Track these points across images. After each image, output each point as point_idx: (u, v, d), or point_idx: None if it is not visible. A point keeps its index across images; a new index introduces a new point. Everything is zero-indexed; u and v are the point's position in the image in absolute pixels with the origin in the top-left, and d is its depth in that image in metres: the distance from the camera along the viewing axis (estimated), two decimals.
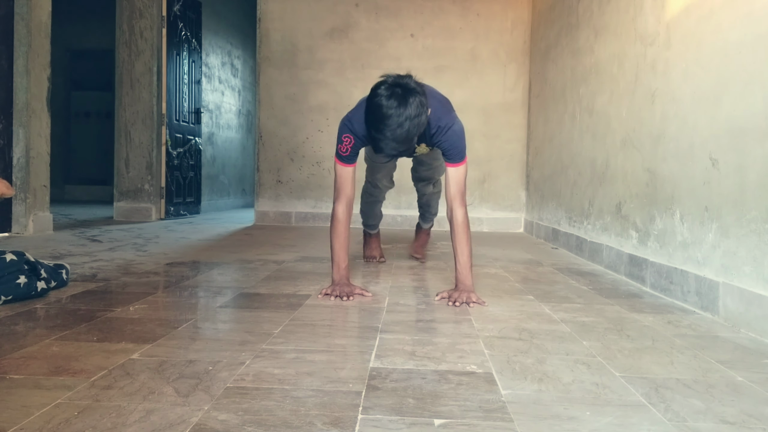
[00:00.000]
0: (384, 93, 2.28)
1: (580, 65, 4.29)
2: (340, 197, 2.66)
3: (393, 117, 2.25)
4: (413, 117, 2.27)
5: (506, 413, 1.31)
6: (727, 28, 2.35)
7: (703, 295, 2.43)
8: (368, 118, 2.34)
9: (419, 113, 2.29)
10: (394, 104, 2.25)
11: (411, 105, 2.26)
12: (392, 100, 2.26)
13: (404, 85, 2.31)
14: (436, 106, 2.58)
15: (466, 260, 2.59)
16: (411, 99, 2.27)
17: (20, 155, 4.57)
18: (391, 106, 2.25)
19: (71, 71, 10.33)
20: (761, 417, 1.33)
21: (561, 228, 4.71)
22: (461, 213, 2.62)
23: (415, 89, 2.31)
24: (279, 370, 1.55)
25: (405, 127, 2.26)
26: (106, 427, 1.18)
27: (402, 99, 2.26)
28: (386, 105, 2.26)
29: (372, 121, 2.32)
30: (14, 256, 2.32)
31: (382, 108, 2.27)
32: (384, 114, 2.26)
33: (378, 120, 2.28)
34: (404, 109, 2.25)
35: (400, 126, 2.26)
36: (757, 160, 2.10)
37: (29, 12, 4.57)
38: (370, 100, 2.33)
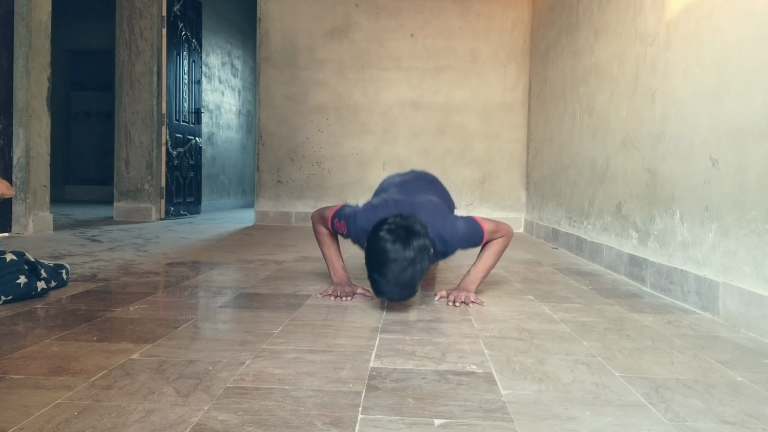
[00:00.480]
0: (388, 237, 2.17)
1: (580, 65, 4.29)
2: (321, 224, 2.65)
3: (397, 261, 2.14)
4: (417, 262, 2.16)
5: (506, 413, 1.31)
6: (727, 29, 2.34)
7: (703, 295, 2.42)
8: (370, 258, 2.23)
9: (422, 258, 2.18)
10: (399, 248, 2.15)
11: (414, 249, 2.16)
12: (397, 243, 2.16)
13: (408, 228, 2.20)
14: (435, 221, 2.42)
15: (482, 269, 2.57)
16: (414, 242, 2.17)
17: (20, 155, 4.57)
18: (396, 251, 2.15)
19: (71, 71, 10.32)
20: (761, 417, 1.33)
21: (561, 228, 4.70)
22: (501, 239, 2.56)
23: (419, 231, 2.21)
24: (279, 370, 1.55)
25: (408, 272, 2.15)
26: (106, 427, 1.18)
27: (406, 242, 2.16)
28: (391, 249, 2.15)
29: (374, 264, 2.20)
30: (14, 256, 2.32)
31: (386, 252, 2.16)
32: (387, 258, 2.15)
33: (381, 264, 2.17)
34: (408, 253, 2.15)
35: (403, 271, 2.15)
36: (757, 160, 2.10)
37: (29, 12, 4.57)
38: (373, 242, 2.21)
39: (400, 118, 6.32)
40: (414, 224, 2.22)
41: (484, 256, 2.58)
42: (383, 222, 2.24)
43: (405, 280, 2.17)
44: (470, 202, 6.24)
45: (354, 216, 2.51)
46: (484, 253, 2.58)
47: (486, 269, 2.58)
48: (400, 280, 2.16)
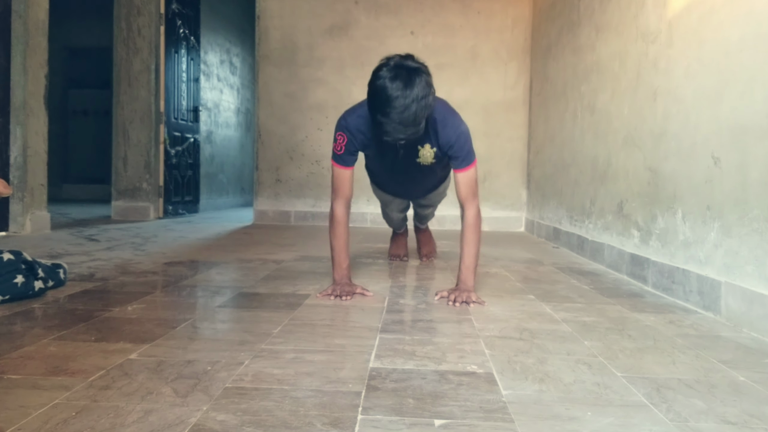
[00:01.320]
0: (387, 74, 2.18)
1: (581, 63, 4.28)
2: (338, 198, 2.62)
3: (399, 98, 2.14)
4: (420, 98, 2.16)
5: (507, 413, 1.30)
6: (728, 26, 2.34)
7: (705, 294, 2.42)
8: (372, 102, 2.23)
9: (426, 94, 2.19)
10: (399, 85, 2.14)
11: (417, 85, 2.16)
12: (397, 81, 2.15)
13: (408, 66, 2.21)
14: (441, 104, 2.50)
15: (470, 261, 2.56)
16: (417, 79, 2.17)
17: (17, 154, 4.56)
18: (397, 87, 2.14)
19: (69, 69, 10.31)
20: (763, 417, 1.33)
21: (562, 227, 4.70)
22: (472, 213, 2.57)
23: (420, 68, 2.22)
24: (278, 370, 1.54)
25: (412, 108, 2.15)
26: (104, 427, 1.17)
27: (407, 79, 2.15)
28: (390, 86, 2.15)
29: (376, 104, 2.20)
30: (11, 256, 2.31)
31: (386, 90, 2.15)
32: (389, 95, 2.15)
33: (383, 102, 2.17)
34: (410, 90, 2.14)
35: (406, 108, 2.14)
36: (759, 159, 2.09)
37: (27, 10, 4.55)
38: (373, 83, 2.21)
39: None
40: (414, 63, 2.24)
41: (467, 246, 2.57)
42: (384, 63, 2.25)
43: (409, 117, 2.17)
44: None
45: (341, 119, 2.57)
46: (465, 244, 2.57)
47: (474, 258, 2.57)
48: (403, 117, 2.16)
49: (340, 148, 2.55)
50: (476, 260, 2.59)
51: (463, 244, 2.58)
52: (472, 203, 2.58)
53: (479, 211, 2.61)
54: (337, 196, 2.62)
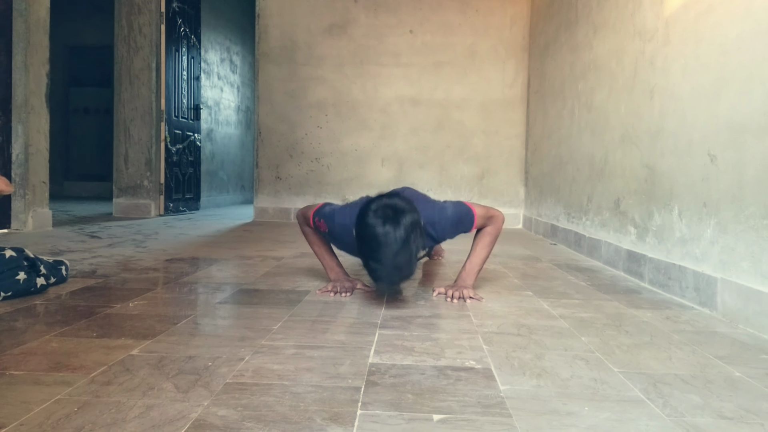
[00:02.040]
0: (377, 221, 2.11)
1: (579, 61, 4.29)
2: (306, 224, 2.64)
3: (390, 243, 2.08)
4: (411, 241, 2.11)
5: (505, 408, 1.31)
6: (725, 24, 2.35)
7: (701, 290, 2.43)
8: (363, 247, 2.17)
9: (415, 236, 2.14)
10: (390, 230, 2.08)
11: (406, 227, 2.10)
12: (387, 225, 2.09)
13: (393, 206, 2.15)
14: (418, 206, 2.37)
15: (477, 262, 2.57)
16: (403, 219, 2.11)
17: (19, 151, 4.57)
18: (388, 233, 2.08)
19: (70, 67, 10.31)
20: (759, 412, 1.34)
21: (560, 224, 4.71)
22: (492, 227, 2.56)
23: (405, 208, 2.15)
24: (278, 366, 1.56)
25: (404, 253, 2.10)
26: (105, 422, 1.19)
27: (395, 221, 2.09)
28: (382, 232, 2.09)
29: (368, 251, 2.14)
30: (13, 253, 2.32)
31: (378, 237, 2.09)
32: (381, 242, 2.09)
33: (375, 249, 2.11)
34: (400, 233, 2.08)
35: (397, 253, 2.09)
36: (755, 157, 2.11)
37: (28, 8, 4.56)
38: (363, 230, 2.15)
39: (399, 114, 6.32)
40: (398, 202, 2.17)
41: (477, 248, 2.57)
42: (368, 207, 2.18)
43: (402, 261, 2.12)
44: (469, 198, 6.24)
45: (332, 214, 2.50)
46: (476, 246, 2.58)
47: (480, 261, 2.58)
48: (397, 262, 2.11)
49: (321, 228, 2.54)
50: (482, 264, 2.60)
51: (476, 245, 2.58)
52: (493, 221, 2.58)
53: (500, 225, 2.59)
54: (305, 221, 2.64)
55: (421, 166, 6.30)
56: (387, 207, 2.14)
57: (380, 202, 2.17)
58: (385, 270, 2.13)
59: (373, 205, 2.17)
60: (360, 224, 2.17)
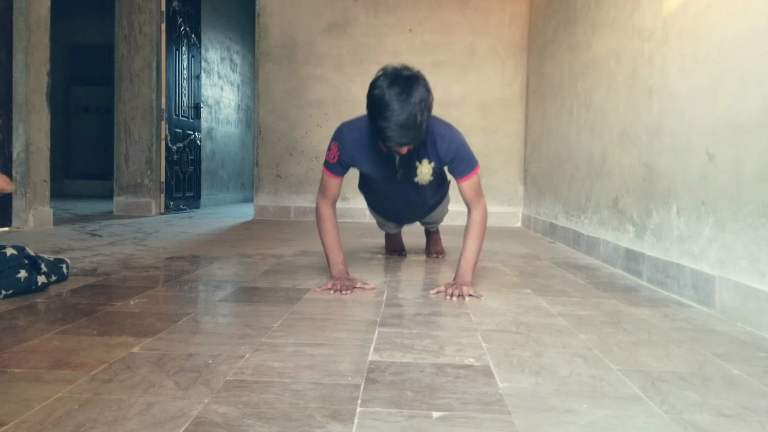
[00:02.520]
0: (385, 82, 2.20)
1: (577, 60, 4.30)
2: (325, 198, 2.67)
3: (396, 101, 2.16)
4: (420, 100, 2.18)
5: (504, 406, 1.32)
6: (724, 23, 2.35)
7: (699, 288, 2.44)
8: (371, 110, 2.25)
9: (425, 97, 2.21)
10: (397, 90, 2.17)
11: (416, 89, 2.19)
12: (395, 87, 2.18)
13: (404, 74, 2.24)
14: (434, 119, 2.51)
15: (471, 257, 2.58)
16: (415, 83, 2.20)
17: (20, 150, 4.57)
18: (394, 92, 2.17)
19: (70, 66, 10.32)
20: (757, 410, 1.34)
21: (558, 222, 4.72)
22: (478, 212, 2.60)
23: (416, 74, 2.25)
24: (278, 364, 1.56)
25: (412, 110, 2.16)
26: (106, 420, 1.19)
27: (405, 84, 2.18)
28: (389, 92, 2.17)
29: (376, 111, 2.22)
30: (14, 251, 2.33)
31: (385, 95, 2.18)
32: (387, 100, 2.17)
33: (382, 108, 2.18)
34: (408, 95, 2.17)
35: (404, 110, 2.16)
36: (753, 155, 2.11)
37: (28, 7, 4.56)
38: (371, 93, 2.24)
39: None
40: (410, 70, 2.26)
41: (468, 242, 2.59)
42: (379, 72, 2.27)
43: (410, 119, 2.17)
44: None
45: (338, 129, 2.59)
46: (467, 240, 2.60)
47: (474, 255, 2.59)
48: (403, 120, 2.17)
49: (333, 156, 2.58)
50: (477, 257, 2.61)
51: (467, 239, 2.60)
52: (479, 203, 2.62)
53: (486, 211, 2.64)
54: (323, 196, 2.67)
55: None
56: (397, 74, 2.24)
57: (392, 68, 2.27)
58: (392, 128, 2.19)
59: (385, 69, 2.27)
60: (370, 88, 2.25)
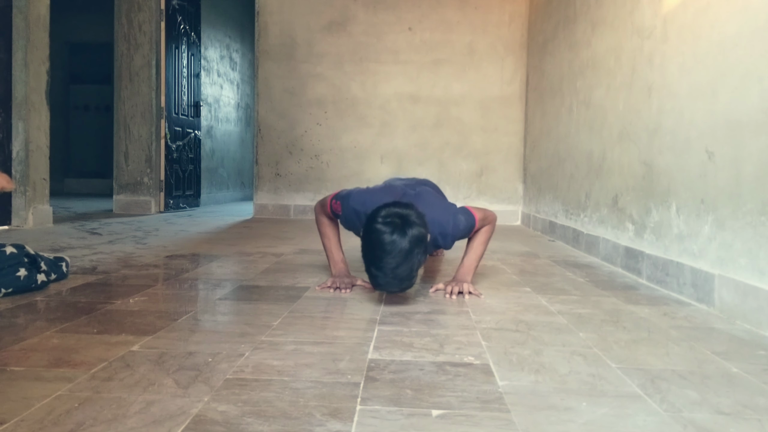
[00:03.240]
0: (385, 229, 2.13)
1: (577, 58, 4.29)
2: (323, 212, 2.68)
3: (393, 254, 2.11)
4: (414, 255, 2.14)
5: (503, 404, 1.32)
6: (723, 22, 2.35)
7: (698, 287, 2.44)
8: (366, 249, 2.20)
9: (420, 250, 2.16)
10: (396, 238, 2.11)
11: (411, 239, 2.13)
12: (395, 235, 2.12)
13: (404, 217, 2.17)
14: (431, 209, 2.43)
15: (473, 258, 2.59)
16: (410, 231, 2.13)
17: (20, 148, 4.57)
18: (393, 242, 2.11)
19: (70, 64, 10.31)
20: (756, 408, 1.35)
21: (558, 220, 4.72)
22: (487, 226, 2.61)
23: (415, 222, 2.17)
24: (278, 362, 1.56)
25: (405, 265, 2.13)
26: (106, 418, 1.19)
27: (402, 232, 2.12)
28: (388, 241, 2.11)
29: (371, 257, 2.18)
30: (14, 249, 2.33)
31: (383, 245, 2.12)
32: (384, 251, 2.12)
33: (378, 257, 2.14)
34: (405, 245, 2.11)
35: (399, 266, 2.12)
36: (753, 153, 2.11)
37: (27, 5, 4.56)
38: (369, 234, 2.18)
39: (398, 111, 6.32)
40: (410, 214, 2.19)
41: (474, 245, 2.60)
42: (379, 212, 2.20)
43: (403, 273, 2.15)
44: (468, 194, 6.25)
45: (349, 195, 2.55)
46: (473, 243, 2.61)
47: (477, 258, 2.60)
48: (397, 273, 2.14)
49: (336, 210, 2.58)
50: (478, 261, 2.62)
51: (471, 242, 2.61)
52: (488, 221, 2.62)
53: (494, 221, 2.65)
54: (323, 210, 2.69)
55: (420, 162, 6.30)
56: (397, 215, 2.17)
57: (392, 210, 2.19)
58: (385, 279, 2.17)
59: (384, 210, 2.19)
60: (367, 227, 2.19)
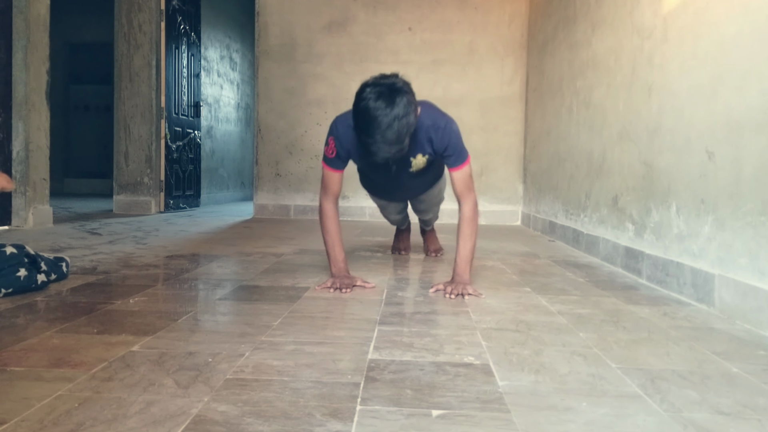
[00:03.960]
0: (371, 95, 2.22)
1: (577, 58, 4.29)
2: (326, 194, 2.68)
3: (381, 117, 2.18)
4: (402, 116, 2.20)
5: (503, 404, 1.32)
6: (723, 22, 2.35)
7: (698, 287, 2.44)
8: (357, 123, 2.28)
9: (407, 112, 2.23)
10: (381, 105, 2.19)
11: (399, 105, 2.20)
12: (380, 101, 2.20)
13: (390, 85, 2.25)
14: (428, 108, 2.58)
15: (466, 254, 2.58)
16: (398, 98, 2.21)
17: (20, 149, 4.57)
18: (379, 107, 2.19)
19: (70, 65, 10.31)
20: (756, 408, 1.34)
21: (558, 221, 4.72)
22: (469, 207, 2.61)
23: (402, 88, 2.26)
24: (278, 362, 1.56)
25: (394, 127, 2.20)
26: (106, 418, 1.19)
27: (389, 99, 2.20)
28: (373, 107, 2.19)
29: (361, 125, 2.25)
30: (14, 249, 2.33)
31: (369, 110, 2.20)
32: (372, 116, 2.19)
33: (367, 123, 2.22)
34: (392, 109, 2.19)
35: (389, 127, 2.19)
36: (753, 153, 2.11)
37: (28, 5, 4.56)
38: (357, 104, 2.26)
39: None
40: (396, 81, 2.28)
41: (463, 239, 2.60)
42: (366, 83, 2.29)
43: (392, 136, 2.21)
44: None
45: (332, 123, 2.61)
46: (461, 237, 2.60)
47: (470, 252, 2.59)
48: (386, 137, 2.21)
49: (331, 151, 2.60)
50: (472, 254, 2.61)
51: (460, 237, 2.60)
52: (469, 197, 2.62)
53: (476, 205, 2.65)
54: (325, 193, 2.68)
55: None
56: (383, 84, 2.26)
57: (378, 79, 2.29)
58: (376, 145, 2.24)
59: (371, 80, 2.30)
60: (356, 98, 2.28)
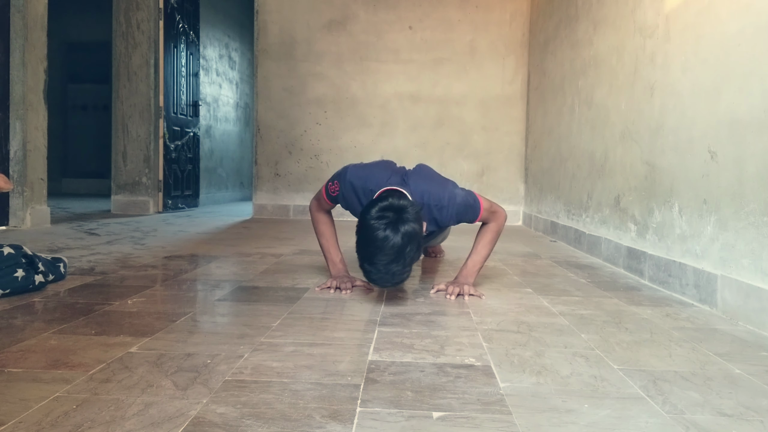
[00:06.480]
0: (380, 224, 2.12)
1: (579, 58, 4.28)
2: (319, 206, 2.69)
3: (386, 251, 2.11)
4: (407, 251, 2.13)
5: (504, 406, 1.31)
6: (726, 21, 2.34)
7: (701, 287, 2.43)
8: (360, 243, 2.19)
9: (413, 246, 2.15)
10: (389, 235, 2.10)
11: (405, 236, 2.11)
12: (387, 231, 2.11)
13: (398, 209, 2.16)
14: (427, 181, 2.49)
15: (479, 259, 2.57)
16: (404, 228, 2.12)
17: (17, 148, 4.56)
18: (386, 240, 2.10)
19: (68, 64, 10.29)
20: (759, 409, 1.34)
21: (559, 221, 4.71)
22: (494, 224, 2.58)
23: (409, 217, 2.15)
24: (277, 363, 1.55)
25: (398, 262, 2.13)
26: (104, 420, 1.18)
27: (395, 230, 2.11)
28: (381, 238, 2.10)
29: (364, 249, 2.17)
30: (12, 250, 2.32)
31: (376, 240, 2.11)
32: (379, 247, 2.11)
33: (371, 254, 2.13)
34: (398, 241, 2.10)
35: (393, 261, 2.12)
36: (756, 153, 2.10)
37: (25, 4, 4.55)
38: (363, 229, 2.17)
39: (398, 110, 6.31)
40: (405, 207, 2.17)
41: (479, 246, 2.58)
42: (373, 205, 2.20)
43: (396, 269, 2.15)
44: None
45: (345, 171, 2.56)
46: (478, 243, 2.59)
47: (482, 259, 2.58)
48: (390, 269, 2.14)
49: (333, 191, 2.58)
50: (483, 261, 2.60)
51: (478, 242, 2.59)
52: (496, 217, 2.59)
53: (504, 219, 2.61)
54: (318, 206, 2.70)
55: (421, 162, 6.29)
56: (391, 210, 2.16)
57: (386, 204, 2.18)
58: (377, 274, 2.17)
59: (379, 204, 2.19)
60: (361, 221, 2.19)
